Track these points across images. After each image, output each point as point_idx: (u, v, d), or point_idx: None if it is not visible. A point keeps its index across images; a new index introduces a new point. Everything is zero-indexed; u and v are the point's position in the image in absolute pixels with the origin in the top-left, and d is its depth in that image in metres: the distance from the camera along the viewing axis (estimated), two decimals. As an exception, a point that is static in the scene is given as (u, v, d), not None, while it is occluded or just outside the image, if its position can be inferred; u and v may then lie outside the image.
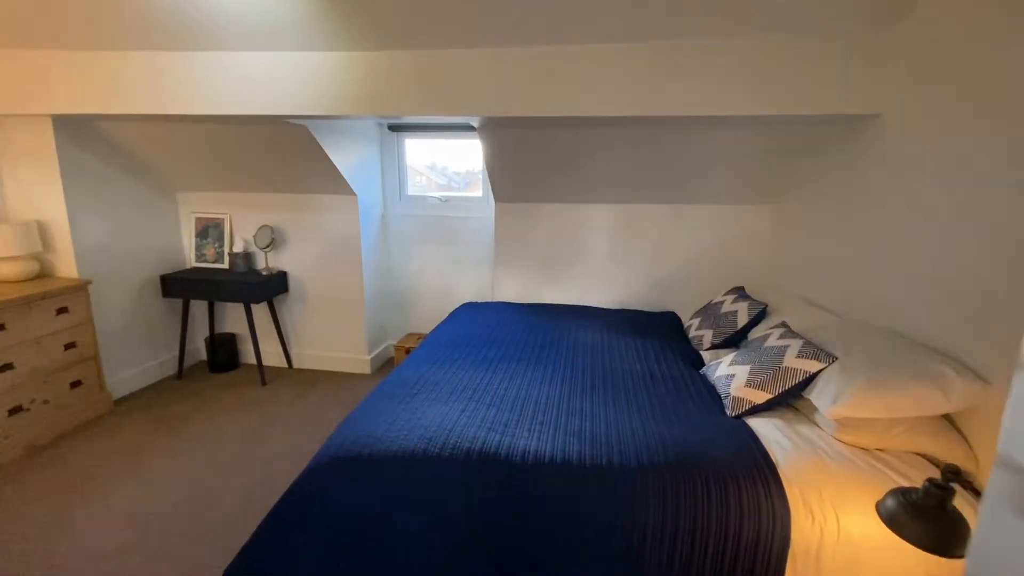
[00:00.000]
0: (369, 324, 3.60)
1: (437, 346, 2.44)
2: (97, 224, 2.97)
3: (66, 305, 2.71)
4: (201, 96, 2.40)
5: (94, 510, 2.13)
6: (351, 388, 3.37)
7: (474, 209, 3.62)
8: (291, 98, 2.33)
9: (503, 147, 2.81)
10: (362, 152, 3.38)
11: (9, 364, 2.45)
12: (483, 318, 2.93)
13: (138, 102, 2.44)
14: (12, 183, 2.80)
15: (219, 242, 3.54)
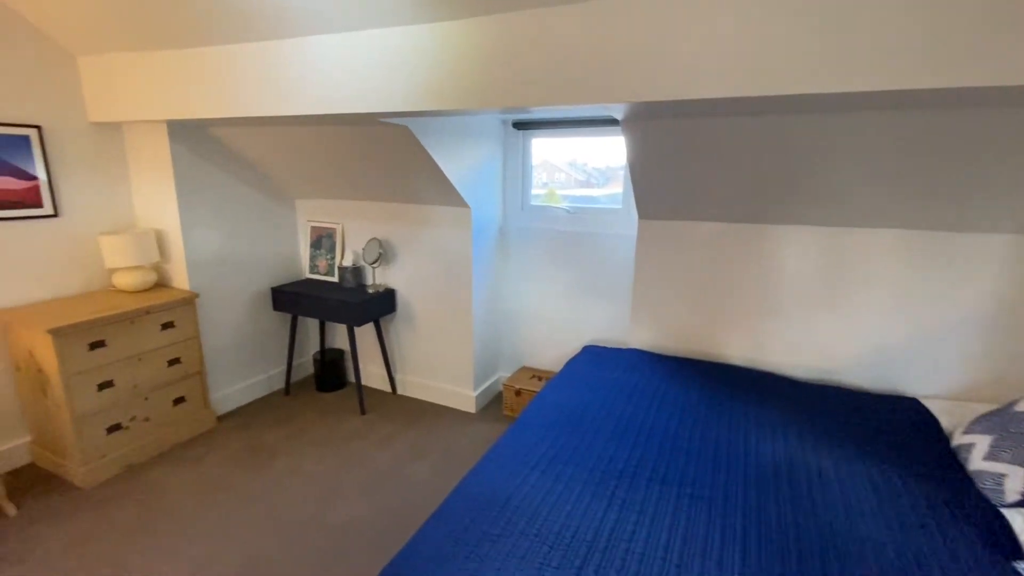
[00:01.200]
0: (478, 355, 3.07)
1: (543, 427, 1.76)
2: (210, 234, 2.86)
3: (172, 320, 2.60)
4: (282, 95, 2.01)
5: (149, 559, 1.88)
6: (451, 430, 2.86)
7: (611, 224, 2.85)
8: (380, 91, 1.82)
9: (655, 144, 2.00)
10: (481, 155, 2.83)
11: (109, 382, 2.37)
12: (612, 378, 2.17)
13: (229, 104, 2.15)
14: (139, 191, 2.79)
15: (331, 254, 3.29)
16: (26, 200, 2.39)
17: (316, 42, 1.89)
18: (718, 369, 2.32)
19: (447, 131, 2.50)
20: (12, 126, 2.30)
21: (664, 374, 2.25)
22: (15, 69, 2.30)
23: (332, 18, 1.77)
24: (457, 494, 1.41)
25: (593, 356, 2.51)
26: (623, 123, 1.92)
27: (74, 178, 2.55)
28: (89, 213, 2.63)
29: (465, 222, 2.83)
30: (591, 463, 1.53)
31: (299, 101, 1.99)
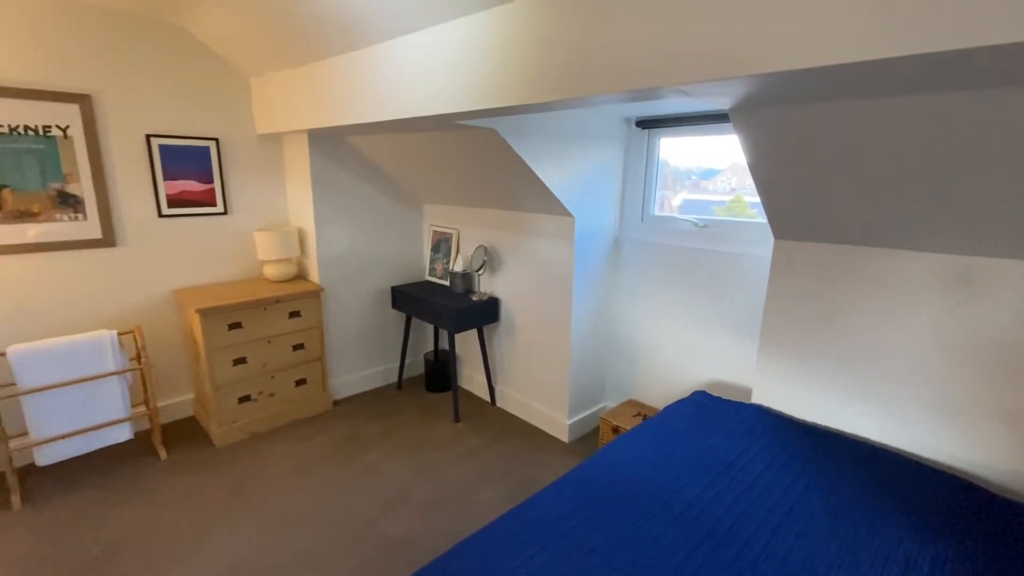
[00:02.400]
0: (576, 380, 2.78)
1: (589, 490, 1.43)
2: (340, 233, 3.12)
3: (299, 310, 2.90)
4: (375, 101, 2.03)
5: (236, 518, 2.09)
6: (536, 458, 2.64)
7: (750, 241, 2.30)
8: (453, 91, 1.70)
9: (778, 139, 1.49)
10: (592, 159, 2.54)
11: (243, 359, 2.72)
12: (708, 444, 1.71)
13: (339, 112, 2.28)
14: (290, 193, 3.18)
15: (447, 258, 3.34)
16: (204, 200, 2.89)
17: (393, 45, 1.86)
18: (876, 458, 1.66)
19: (548, 134, 2.28)
20: (197, 139, 2.81)
21: (785, 448, 1.69)
22: (202, 91, 2.79)
23: (398, 18, 1.71)
24: (444, 560, 1.21)
25: (699, 407, 2.03)
26: (733, 115, 1.46)
27: (242, 182, 3.02)
28: (251, 212, 3.08)
29: (567, 232, 2.58)
30: (626, 563, 1.17)
31: (385, 107, 1.99)
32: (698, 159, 2.66)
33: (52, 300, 2.49)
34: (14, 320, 2.40)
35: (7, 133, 2.27)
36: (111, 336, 2.41)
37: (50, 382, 2.25)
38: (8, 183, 2.30)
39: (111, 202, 2.59)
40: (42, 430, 2.26)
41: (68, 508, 2.20)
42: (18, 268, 2.38)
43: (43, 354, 2.24)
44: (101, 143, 2.52)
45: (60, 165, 2.42)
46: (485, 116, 1.85)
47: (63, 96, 2.38)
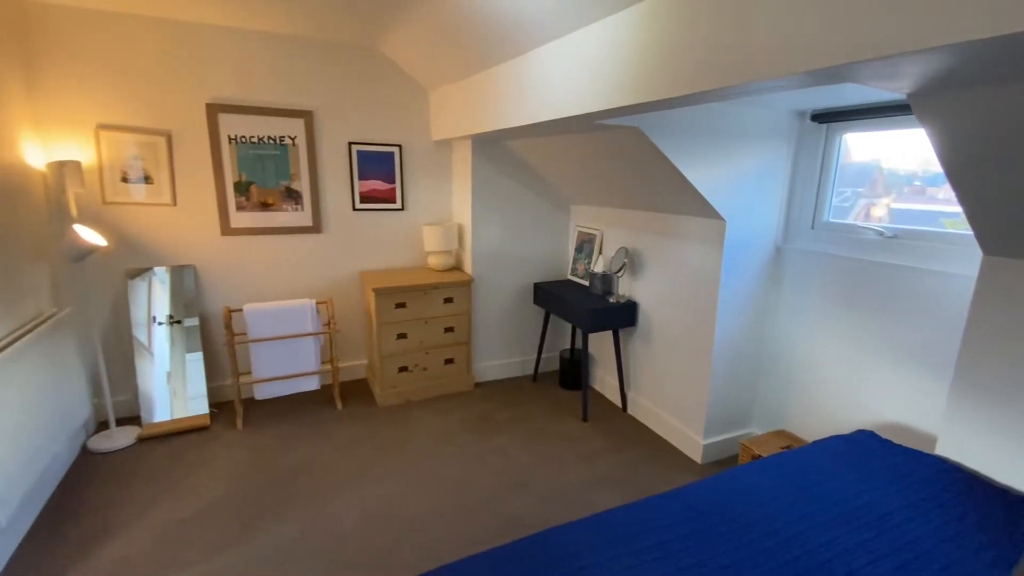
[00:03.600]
0: (716, 398, 2.58)
1: (715, 526, 1.35)
2: (493, 231, 3.38)
3: (452, 296, 3.23)
4: (523, 106, 2.17)
5: (381, 471, 2.44)
6: (662, 474, 2.53)
7: (948, 257, 1.88)
8: (595, 91, 1.74)
9: (997, 129, 1.20)
10: (752, 158, 2.33)
11: (404, 334, 3.14)
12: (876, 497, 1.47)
13: (494, 118, 2.48)
14: (456, 193, 3.54)
15: (589, 259, 3.37)
16: (387, 197, 3.40)
17: (541, 52, 1.97)
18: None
19: (697, 130, 2.16)
20: (385, 145, 3.31)
21: (968, 512, 1.35)
22: (391, 104, 3.28)
23: (549, 24, 1.80)
24: (532, 540, 1.26)
25: (857, 447, 1.73)
26: (915, 101, 1.22)
27: (417, 183, 3.47)
28: (422, 209, 3.52)
29: (716, 237, 2.40)
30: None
31: (534, 110, 2.11)
32: (927, 161, 2.21)
33: (273, 271, 3.19)
34: (248, 283, 3.14)
35: (256, 142, 2.98)
36: (311, 305, 3.00)
37: (269, 335, 2.90)
38: (255, 180, 3.03)
39: (320, 197, 3.21)
40: (261, 371, 2.93)
41: (271, 434, 2.81)
42: (256, 245, 3.11)
43: (266, 313, 2.90)
44: (316, 149, 3.14)
45: (288, 167, 3.09)
46: (627, 113, 1.84)
47: (293, 113, 3.03)
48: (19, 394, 1.98)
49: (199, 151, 2.87)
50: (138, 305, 2.81)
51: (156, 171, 2.80)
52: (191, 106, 2.80)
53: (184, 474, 2.43)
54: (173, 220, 2.88)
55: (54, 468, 2.32)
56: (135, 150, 2.73)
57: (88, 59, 2.56)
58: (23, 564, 1.87)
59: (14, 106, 2.32)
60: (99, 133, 2.64)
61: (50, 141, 2.56)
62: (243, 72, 2.88)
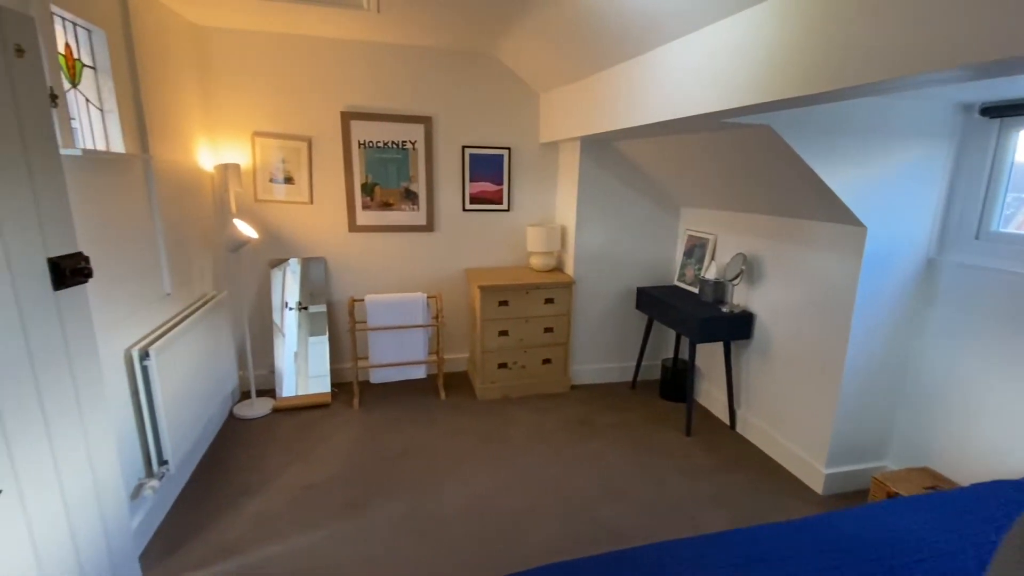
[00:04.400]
0: (843, 425, 2.33)
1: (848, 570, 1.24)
2: (597, 232, 3.34)
3: (553, 297, 3.25)
4: (643, 105, 2.12)
5: (477, 463, 2.52)
6: (776, 502, 2.34)
7: None
8: (723, 89, 1.66)
9: None
10: (899, 157, 2.08)
11: (505, 331, 3.22)
12: None
13: (609, 119, 2.45)
14: (559, 194, 3.56)
15: (699, 264, 3.21)
16: (494, 199, 3.50)
17: (662, 51, 1.91)
18: None
19: (837, 128, 1.97)
20: (496, 148, 3.42)
21: None
22: (502, 108, 3.37)
23: (673, 23, 1.74)
24: (625, 554, 1.23)
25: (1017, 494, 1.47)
26: None
27: (522, 184, 3.53)
28: (526, 210, 3.58)
29: (854, 246, 2.17)
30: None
31: (656, 109, 2.06)
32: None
33: (390, 265, 3.43)
34: (368, 276, 3.41)
35: (382, 147, 3.23)
36: (423, 298, 3.19)
37: (385, 324, 3.13)
38: (379, 182, 3.28)
39: (434, 198, 3.40)
40: (377, 357, 3.17)
41: (382, 416, 3.03)
42: (376, 241, 3.37)
43: (384, 304, 3.13)
44: (433, 153, 3.33)
45: (408, 170, 3.30)
46: (759, 112, 1.73)
47: (415, 119, 3.23)
48: (190, 360, 2.33)
49: (333, 155, 3.17)
50: (276, 291, 3.18)
51: (297, 173, 3.14)
52: (328, 114, 3.11)
53: (310, 446, 2.70)
54: (309, 217, 3.22)
55: (209, 427, 2.70)
56: (281, 154, 3.09)
57: (247, 74, 2.94)
58: (185, 507, 2.19)
59: (194, 116, 2.74)
60: (254, 139, 3.02)
61: (217, 146, 2.98)
62: (373, 82, 3.13)
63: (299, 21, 2.72)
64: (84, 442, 1.45)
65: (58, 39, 1.64)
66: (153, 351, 1.96)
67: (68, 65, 1.70)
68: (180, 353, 2.22)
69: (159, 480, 1.99)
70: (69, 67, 1.71)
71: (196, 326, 2.41)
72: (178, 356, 2.19)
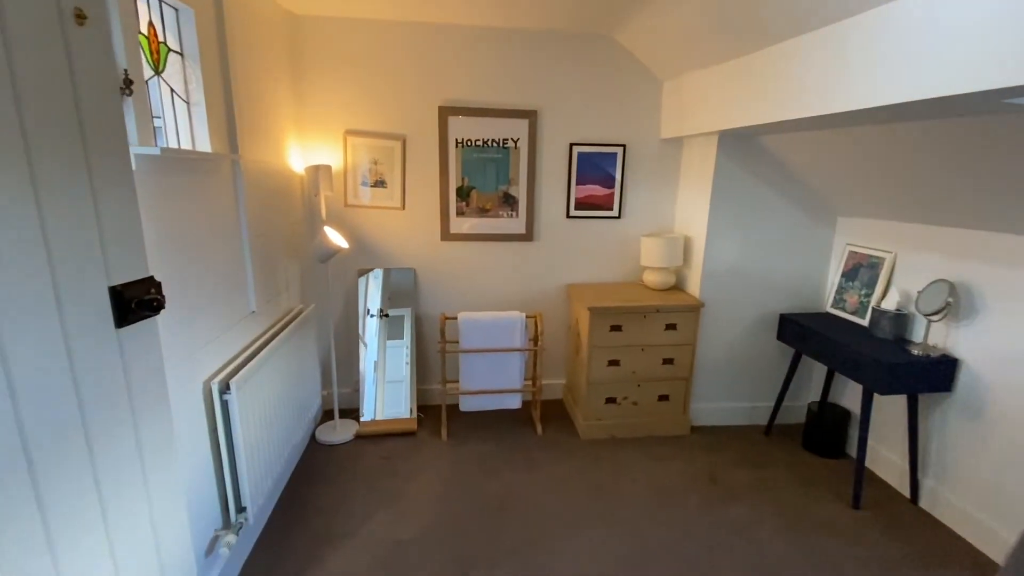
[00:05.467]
0: (1121, 528, 1.65)
1: None
2: (731, 245, 2.78)
3: (675, 323, 2.73)
4: (849, 85, 1.57)
5: (567, 535, 2.08)
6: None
7: None
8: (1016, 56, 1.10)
9: None
10: None
11: (616, 361, 2.74)
12: None
13: (784, 107, 1.91)
14: (681, 199, 3.03)
15: (867, 289, 2.56)
16: (603, 204, 3.04)
17: (897, 8, 1.35)
18: None
19: None
20: (609, 146, 2.95)
21: None
22: (617, 99, 2.90)
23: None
24: None
25: None
26: None
27: (637, 187, 3.04)
28: (640, 217, 3.09)
29: None
30: None
31: (875, 90, 1.51)
32: None
33: (484, 278, 3.06)
34: (460, 290, 3.05)
35: (481, 145, 2.86)
36: (521, 318, 2.78)
37: (479, 346, 2.76)
38: (475, 185, 2.91)
39: (535, 203, 2.99)
40: (468, 382, 2.80)
41: (473, 452, 2.65)
42: (470, 251, 3.01)
43: (479, 324, 2.76)
44: (537, 152, 2.92)
45: (508, 171, 2.92)
46: None
47: (518, 113, 2.84)
48: (274, 388, 2.06)
49: (428, 155, 2.85)
50: (361, 301, 2.90)
51: (390, 175, 2.84)
52: (425, 110, 2.78)
53: (398, 485, 2.37)
54: (400, 223, 2.91)
55: (290, 457, 2.44)
56: (374, 155, 2.80)
57: (340, 66, 2.67)
58: (263, 561, 1.91)
59: (284, 113, 2.50)
60: (346, 138, 2.75)
61: (307, 146, 2.74)
62: (473, 72, 2.77)
63: (398, 3, 2.41)
64: (148, 513, 1.15)
65: (140, 16, 1.38)
66: (234, 384, 1.68)
67: (151, 48, 1.44)
68: (264, 381, 1.95)
69: (236, 534, 1.71)
70: (152, 50, 1.45)
71: (282, 347, 2.15)
72: (262, 385, 1.92)
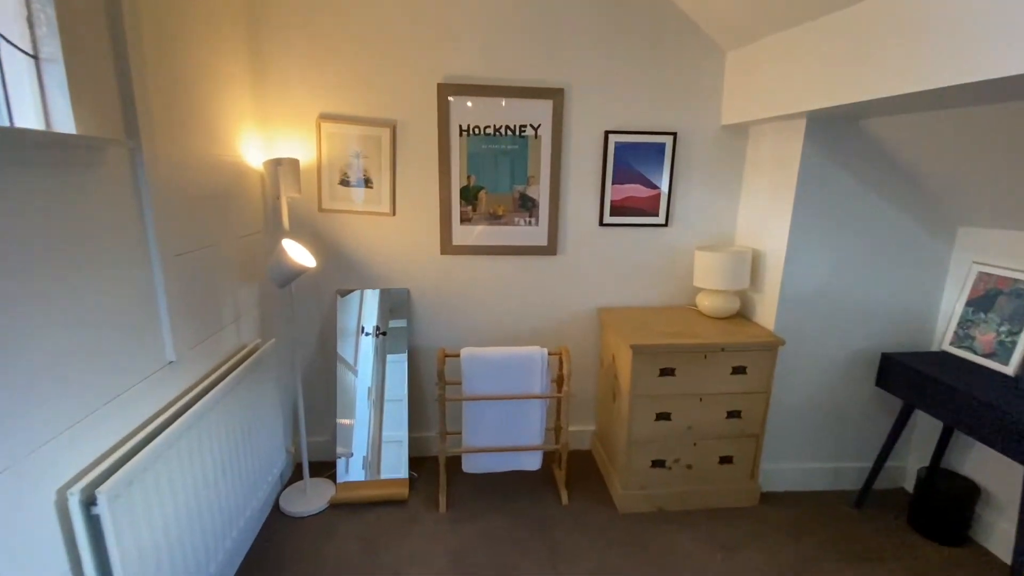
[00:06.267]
0: None
1: None
2: (819, 263, 2.13)
3: (745, 365, 2.09)
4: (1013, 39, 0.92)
5: None
6: None
7: None
8: None
9: None
10: None
11: (667, 414, 2.11)
12: None
13: (909, 76, 1.26)
14: (747, 202, 2.38)
15: (1010, 325, 1.89)
16: (647, 208, 2.40)
17: None
18: None
19: None
20: (655, 134, 2.31)
21: None
22: (668, 75, 2.26)
23: None
24: None
25: None
26: None
27: (689, 187, 2.40)
28: (693, 224, 2.45)
29: None
30: None
31: None
32: None
33: (494, 302, 2.44)
34: (465, 316, 2.44)
35: (491, 134, 2.24)
36: (542, 355, 2.16)
37: (488, 392, 2.15)
38: (485, 184, 2.30)
39: (560, 207, 2.37)
40: (473, 437, 2.19)
41: (479, 531, 2.04)
42: (478, 268, 2.39)
43: (488, 362, 2.14)
44: (563, 142, 2.29)
45: (526, 167, 2.30)
46: None
47: (540, 92, 2.22)
48: (211, 455, 1.47)
49: (425, 146, 2.24)
50: (346, 325, 2.31)
51: (377, 172, 2.24)
52: (421, 88, 2.18)
53: (376, 587, 1.77)
54: (390, 233, 2.32)
55: (245, 531, 1.85)
56: (357, 146, 2.21)
57: (313, 31, 2.08)
58: None
59: (235, 91, 1.91)
60: (320, 124, 2.16)
61: (272, 136, 2.16)
62: (481, 40, 2.16)
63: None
64: None
65: None
66: (106, 493, 1.09)
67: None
68: (184, 460, 1.35)
69: None
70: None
71: (225, 399, 1.56)
72: (179, 469, 1.33)
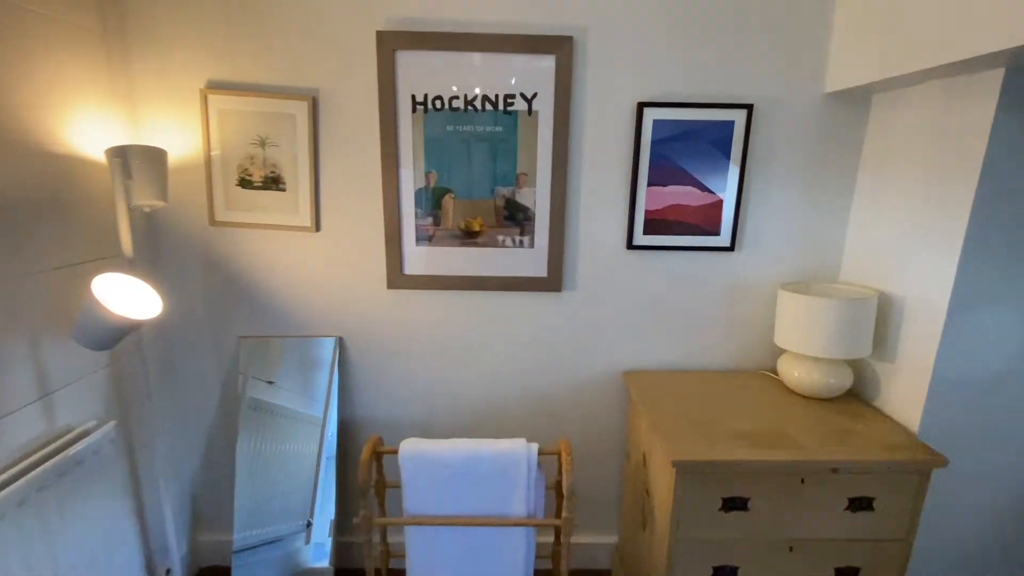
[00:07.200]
0: None
1: None
2: (1007, 322, 1.23)
3: (872, 496, 1.22)
4: None
5: None
6: None
7: None
8: None
9: None
10: None
11: (732, 569, 1.26)
12: None
13: None
14: (873, 215, 1.50)
15: None
16: (700, 222, 1.56)
17: None
18: None
19: None
20: (719, 107, 1.47)
21: None
22: (736, 17, 1.42)
23: None
24: None
25: None
26: None
27: (768, 191, 1.55)
28: (774, 249, 1.59)
29: None
30: None
31: None
32: None
33: (465, 360, 1.67)
34: (418, 382, 1.68)
35: (459, 108, 1.47)
36: (528, 454, 1.36)
37: (440, 510, 1.37)
38: (451, 185, 1.53)
39: (567, 219, 1.57)
40: (421, 571, 1.42)
41: None
42: (441, 309, 1.62)
43: (441, 463, 1.36)
44: (571, 118, 1.50)
45: (515, 158, 1.51)
46: None
47: (535, 42, 1.43)
48: None
49: (361, 128, 1.50)
50: (253, 391, 1.59)
51: (292, 167, 1.51)
52: (353, 39, 1.44)
53: None
54: (313, 257, 1.58)
55: None
56: (262, 128, 1.49)
57: (192, -42, 1.38)
58: None
59: (80, 51, 1.21)
60: (207, 97, 1.45)
61: (138, 114, 1.47)
62: (447, -39, 1.40)
63: None
64: None
65: None
66: None
67: None
68: None
69: None
70: None
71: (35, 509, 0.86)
72: None
